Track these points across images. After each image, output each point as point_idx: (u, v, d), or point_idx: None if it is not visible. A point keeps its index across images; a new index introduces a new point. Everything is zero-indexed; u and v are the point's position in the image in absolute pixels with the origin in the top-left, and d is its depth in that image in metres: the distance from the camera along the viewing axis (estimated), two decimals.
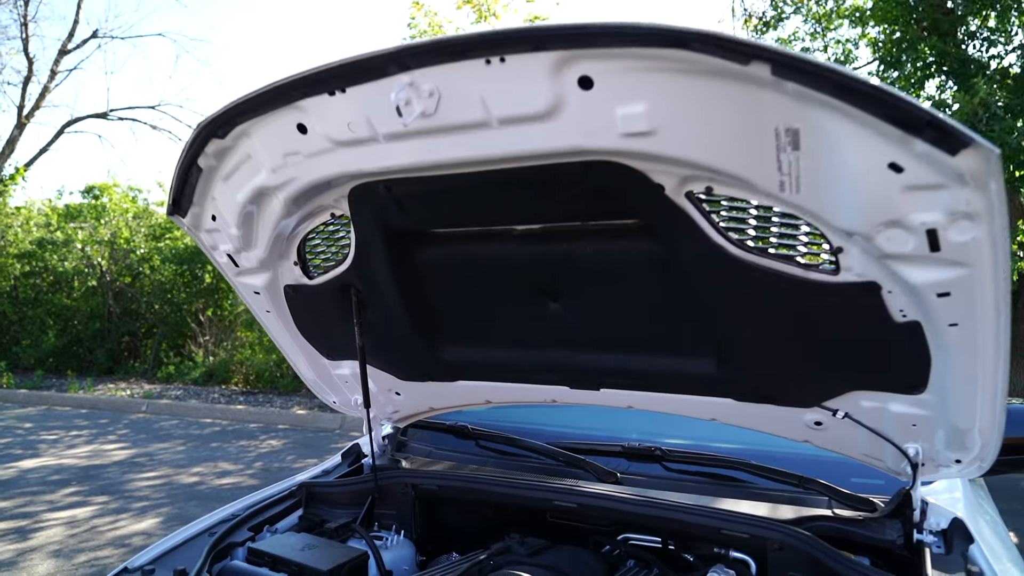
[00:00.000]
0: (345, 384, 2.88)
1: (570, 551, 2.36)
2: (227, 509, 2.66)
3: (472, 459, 2.79)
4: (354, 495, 2.70)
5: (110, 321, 14.82)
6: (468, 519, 2.68)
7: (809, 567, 2.00)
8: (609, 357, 2.29)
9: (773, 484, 2.39)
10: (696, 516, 2.17)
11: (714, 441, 2.75)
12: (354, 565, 2.26)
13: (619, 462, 2.63)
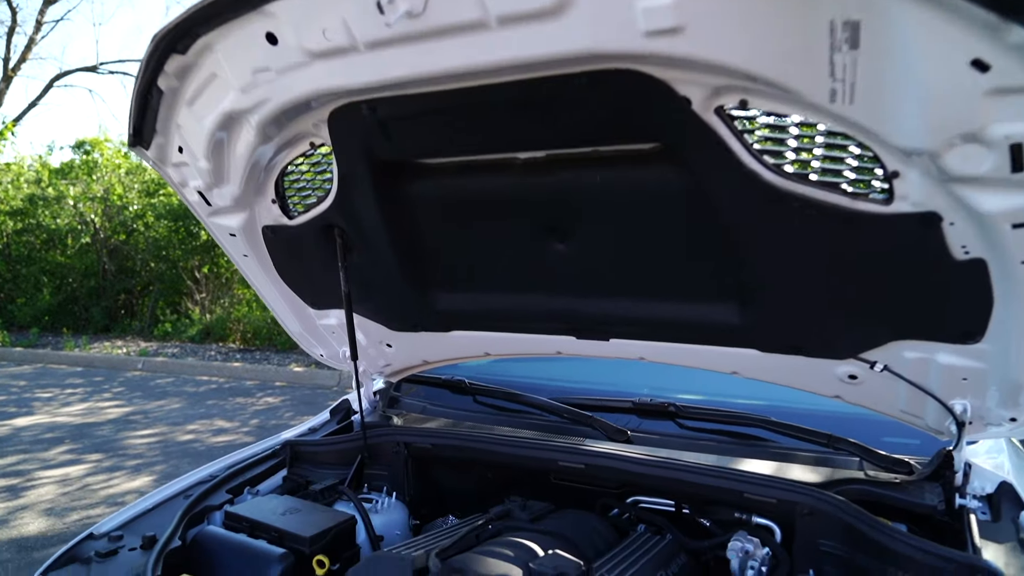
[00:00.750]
0: (332, 335, 2.67)
1: (575, 515, 2.16)
2: (206, 469, 2.47)
3: (470, 416, 2.58)
4: (342, 454, 2.50)
5: (105, 279, 14.61)
6: (465, 480, 2.49)
7: (841, 534, 1.81)
8: (620, 303, 2.06)
9: (799, 444, 2.18)
10: (716, 478, 1.97)
11: (732, 397, 2.54)
12: (340, 530, 2.07)
13: (629, 419, 2.43)
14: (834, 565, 1.82)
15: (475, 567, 1.73)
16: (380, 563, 1.83)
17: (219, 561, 1.97)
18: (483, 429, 2.39)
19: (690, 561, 2.07)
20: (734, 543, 1.84)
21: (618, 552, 1.94)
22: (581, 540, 2.01)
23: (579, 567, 1.76)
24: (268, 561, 1.91)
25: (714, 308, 1.94)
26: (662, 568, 1.91)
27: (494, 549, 1.84)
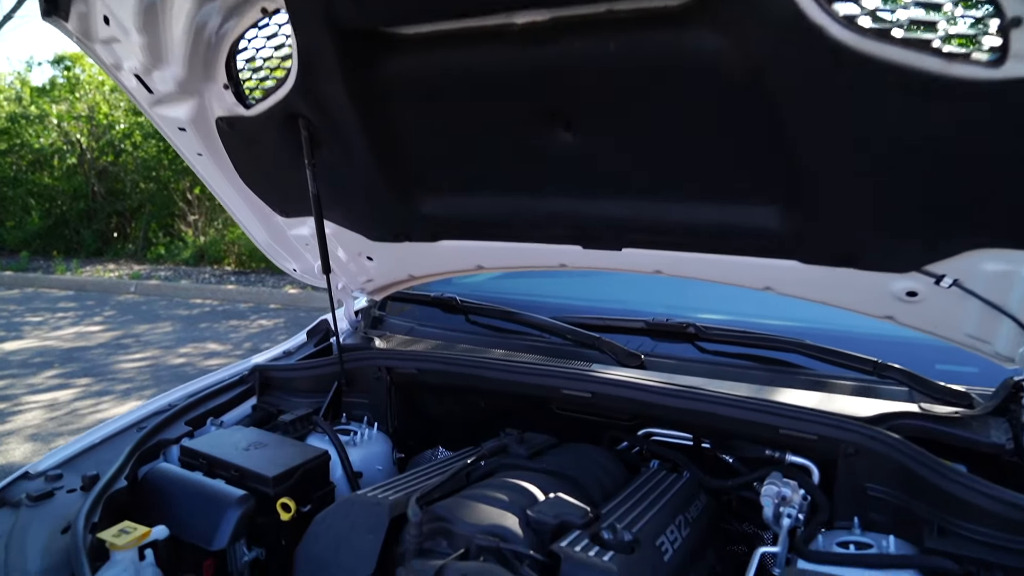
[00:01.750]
0: (306, 247, 2.35)
1: (579, 450, 1.89)
2: (164, 398, 2.20)
3: (462, 338, 2.29)
4: (317, 381, 2.22)
5: (95, 201, 14.19)
6: (455, 411, 2.21)
7: (894, 477, 1.53)
8: (635, 206, 1.74)
9: (839, 371, 1.89)
10: (747, 411, 1.68)
11: (757, 318, 2.24)
12: (311, 468, 1.80)
13: (642, 341, 2.13)
14: (883, 513, 1.55)
15: (462, 515, 1.47)
16: (352, 508, 1.57)
17: (169, 504, 1.71)
18: (476, 352, 2.10)
19: (711, 503, 1.81)
20: (768, 487, 1.57)
21: (629, 493, 1.67)
22: (586, 480, 1.74)
23: (584, 513, 1.50)
24: (224, 504, 1.65)
25: (750, 211, 1.62)
26: (681, 511, 1.65)
27: (485, 492, 1.57)
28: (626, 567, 1.34)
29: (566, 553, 1.35)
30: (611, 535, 1.40)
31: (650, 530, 1.50)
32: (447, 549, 1.45)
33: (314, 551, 1.55)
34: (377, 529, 1.50)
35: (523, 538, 1.43)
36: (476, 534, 1.42)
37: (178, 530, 1.67)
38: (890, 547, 1.42)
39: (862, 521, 1.55)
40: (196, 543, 1.63)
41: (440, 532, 1.47)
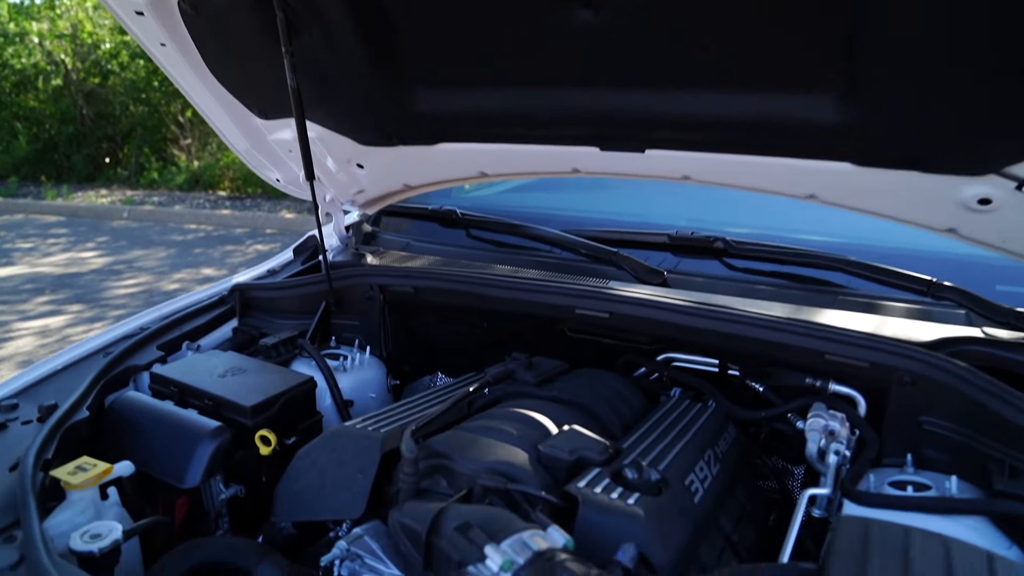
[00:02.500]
0: (289, 154, 2.11)
1: (594, 376, 1.70)
2: (135, 320, 2.00)
3: (463, 254, 2.07)
4: (303, 301, 2.01)
5: (84, 125, 13.75)
6: (456, 333, 2.01)
7: (955, 409, 1.34)
8: (663, 98, 1.49)
9: (887, 291, 1.67)
10: (788, 333, 1.48)
11: (790, 233, 2.01)
12: (294, 397, 1.61)
13: (664, 257, 1.91)
14: (940, 449, 1.37)
15: (463, 450, 1.28)
16: (339, 442, 1.38)
17: (136, 437, 1.53)
18: (479, 268, 1.88)
19: (741, 437, 1.62)
20: (814, 420, 1.38)
21: (652, 425, 1.48)
22: (603, 410, 1.55)
23: (604, 448, 1.31)
24: (197, 437, 1.46)
25: (800, 101, 1.37)
26: (709, 445, 1.46)
27: (490, 424, 1.38)
28: (654, 511, 1.15)
29: (585, 495, 1.16)
30: (635, 474, 1.22)
31: (678, 468, 1.31)
32: (447, 489, 1.27)
33: (295, 489, 1.37)
34: (367, 466, 1.32)
35: (534, 477, 1.24)
36: (480, 473, 1.23)
37: (146, 466, 1.49)
38: (952, 489, 1.23)
39: (915, 459, 1.36)
40: (166, 480, 1.46)
41: (439, 470, 1.29)
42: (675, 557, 1.12)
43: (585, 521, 1.14)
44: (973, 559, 0.90)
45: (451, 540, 1.07)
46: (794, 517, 1.23)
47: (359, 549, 1.23)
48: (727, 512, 1.38)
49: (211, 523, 1.54)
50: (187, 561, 1.25)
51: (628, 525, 1.11)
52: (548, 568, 0.95)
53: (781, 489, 1.68)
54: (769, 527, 1.57)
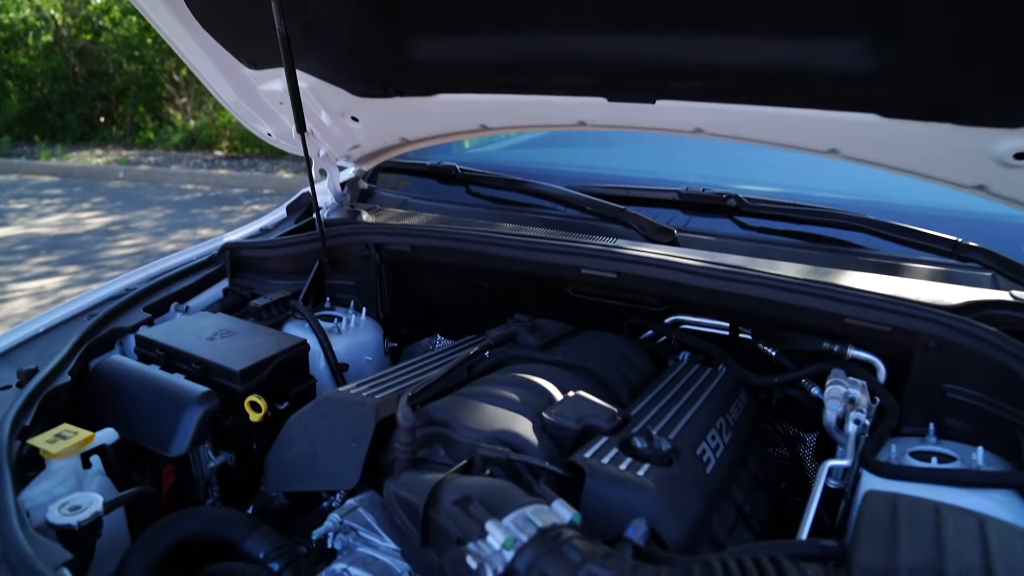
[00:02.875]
0: (280, 106, 2.01)
1: (600, 339, 1.63)
2: (121, 281, 1.92)
3: (463, 211, 1.98)
4: (296, 260, 1.93)
5: (76, 83, 13.49)
6: (455, 294, 1.93)
7: (981, 376, 1.26)
8: (677, 44, 1.39)
9: (909, 252, 1.58)
10: (807, 295, 1.40)
11: (805, 190, 1.92)
12: (285, 360, 1.54)
13: (673, 215, 1.82)
14: (964, 418, 1.29)
15: (463, 418, 1.21)
16: (332, 409, 1.31)
17: (120, 403, 1.46)
18: (480, 226, 1.79)
19: (752, 403, 1.55)
20: (834, 387, 1.30)
21: (661, 391, 1.41)
22: (610, 375, 1.48)
23: (611, 415, 1.24)
24: (183, 403, 1.39)
25: (827, 46, 1.27)
26: (721, 412, 1.40)
27: (491, 391, 1.31)
28: (665, 483, 1.08)
29: (592, 466, 1.10)
30: (645, 443, 1.15)
31: (689, 436, 1.25)
32: (445, 459, 1.20)
33: (286, 458, 1.30)
34: (361, 434, 1.25)
35: (538, 446, 1.17)
36: (481, 442, 1.16)
37: (131, 433, 1.42)
38: (979, 461, 1.16)
39: (937, 428, 1.29)
40: (151, 448, 1.39)
41: (437, 439, 1.22)
42: (688, 532, 1.06)
43: (592, 493, 1.07)
44: (1011, 538, 0.83)
45: (450, 515, 1.00)
46: (813, 491, 1.16)
47: (353, 522, 1.16)
48: (739, 482, 1.32)
49: (200, 492, 1.48)
50: (173, 533, 1.19)
51: (638, 498, 1.05)
52: (553, 546, 0.89)
53: (792, 457, 1.62)
54: (781, 496, 1.52)
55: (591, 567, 0.85)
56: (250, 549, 1.18)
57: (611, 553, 0.89)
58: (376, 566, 1.12)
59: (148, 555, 1.15)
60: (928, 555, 0.78)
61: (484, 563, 0.88)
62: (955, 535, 0.82)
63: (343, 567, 1.12)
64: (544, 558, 0.88)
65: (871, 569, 0.77)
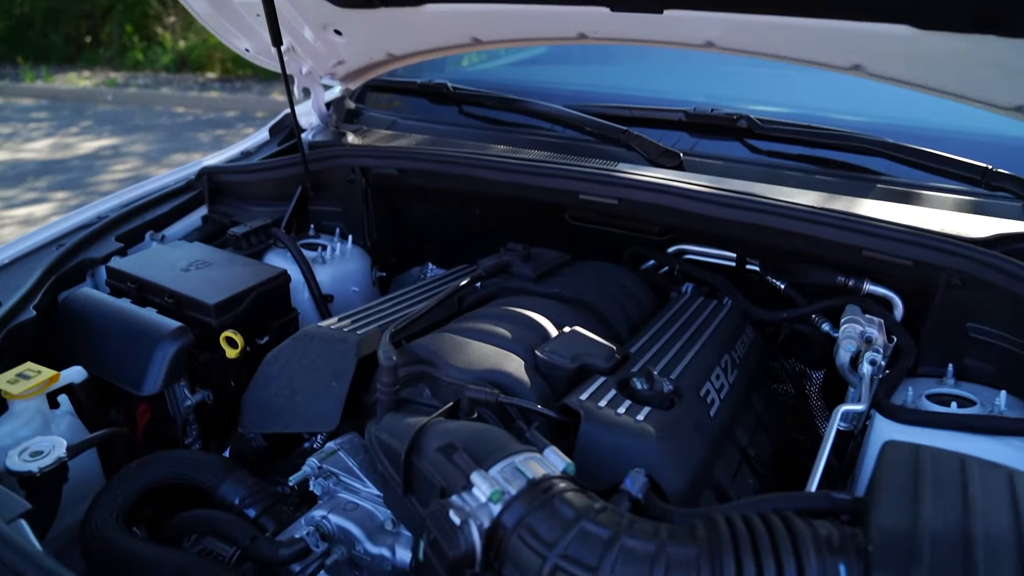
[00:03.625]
0: (258, 19, 1.85)
1: (599, 270, 1.53)
2: (93, 208, 1.81)
3: (455, 132, 1.85)
4: (278, 185, 1.82)
5: (59, 0, 13.04)
6: (447, 220, 1.83)
7: (1007, 315, 1.17)
8: None
9: (935, 180, 1.46)
10: (822, 225, 1.29)
11: (822, 112, 1.79)
12: (264, 292, 1.45)
13: (679, 137, 1.70)
14: (985, 359, 1.20)
15: (449, 356, 1.12)
16: (311, 345, 1.23)
17: (90, 339, 1.38)
18: (471, 148, 1.67)
19: (759, 339, 1.47)
20: (849, 326, 1.21)
21: (663, 326, 1.33)
22: (609, 308, 1.39)
23: (610, 353, 1.15)
24: (155, 339, 1.31)
25: None
26: (726, 349, 1.31)
27: (480, 326, 1.22)
28: (666, 428, 1.01)
29: (587, 409, 1.02)
30: (645, 384, 1.06)
31: (692, 376, 1.16)
32: (431, 400, 1.12)
33: (263, 398, 1.23)
34: (342, 373, 1.17)
35: (530, 387, 1.09)
36: (468, 382, 1.08)
37: (102, 371, 1.35)
38: (1002, 405, 1.07)
39: (956, 368, 1.21)
40: (123, 387, 1.32)
41: (422, 378, 1.14)
42: (690, 480, 0.99)
43: (587, 439, 1.00)
44: None
45: (434, 463, 0.92)
46: (825, 438, 1.08)
47: (332, 466, 1.09)
48: (743, 423, 1.25)
49: (178, 431, 1.42)
50: (143, 478, 1.13)
51: (637, 445, 0.97)
52: (544, 500, 0.81)
53: (798, 394, 1.54)
54: (786, 435, 1.45)
55: (584, 524, 0.78)
56: (225, 495, 1.11)
57: (606, 508, 0.82)
58: (357, 513, 1.06)
59: (117, 502, 1.09)
60: (953, 516, 0.71)
61: (468, 519, 0.81)
62: (983, 494, 0.74)
63: (322, 514, 1.06)
64: (534, 513, 0.80)
65: (891, 531, 0.69)
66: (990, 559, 0.67)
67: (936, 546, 0.68)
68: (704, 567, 0.72)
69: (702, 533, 0.76)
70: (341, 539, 1.04)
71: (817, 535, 0.73)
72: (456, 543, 0.79)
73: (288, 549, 0.99)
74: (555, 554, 0.77)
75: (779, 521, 0.75)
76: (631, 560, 0.74)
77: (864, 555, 0.70)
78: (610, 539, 0.76)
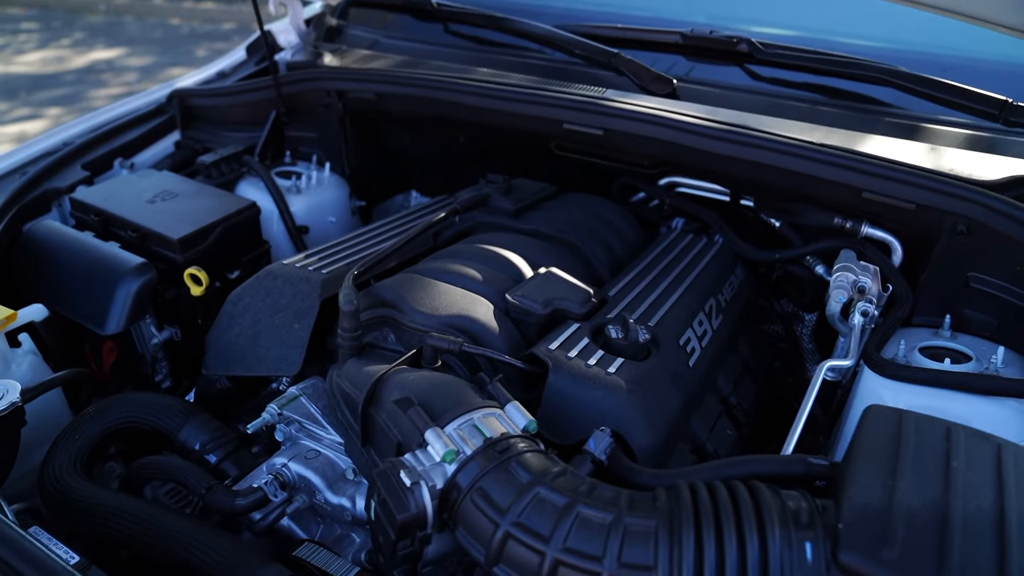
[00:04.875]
0: None
1: (584, 204, 1.46)
2: (59, 133, 1.72)
3: (438, 53, 1.74)
4: (252, 109, 1.73)
5: None
6: (429, 148, 1.74)
7: (1014, 265, 1.09)
8: None
9: (949, 114, 1.35)
10: (819, 163, 1.20)
11: (833, 36, 1.66)
12: (232, 226, 1.39)
13: (675, 61, 1.59)
14: (985, 311, 1.13)
15: (414, 299, 1.06)
16: (275, 284, 1.17)
17: (51, 274, 1.32)
18: (453, 72, 1.57)
19: (750, 279, 1.40)
20: (842, 274, 1.14)
21: (646, 266, 1.26)
22: (590, 246, 1.32)
23: (586, 297, 1.10)
24: (117, 276, 1.26)
25: None
26: (712, 292, 1.25)
27: (449, 266, 1.16)
28: (639, 382, 0.95)
29: (556, 359, 0.96)
30: (620, 332, 1.01)
31: (673, 322, 1.11)
32: (395, 345, 1.07)
33: (227, 338, 1.18)
34: (304, 314, 1.12)
35: (498, 334, 1.04)
36: (432, 328, 1.03)
37: (65, 308, 1.30)
38: (999, 363, 1.00)
39: (955, 319, 1.14)
40: (85, 325, 1.27)
41: (387, 322, 1.09)
42: (662, 436, 0.94)
43: (555, 391, 0.95)
44: None
45: (391, 416, 0.88)
46: (807, 393, 1.02)
47: (294, 413, 1.06)
48: (727, 371, 1.20)
49: (148, 367, 1.38)
50: (103, 422, 1.09)
51: (606, 399, 0.92)
52: (500, 461, 0.77)
53: (788, 336, 1.49)
54: (772, 379, 1.40)
55: (540, 489, 0.74)
56: (185, 440, 1.08)
57: (565, 471, 0.78)
58: (318, 462, 1.02)
59: (75, 447, 1.06)
60: (932, 493, 0.66)
61: (420, 481, 0.77)
62: (966, 467, 0.69)
63: (283, 462, 1.02)
64: (488, 476, 0.76)
65: (863, 508, 0.65)
66: (967, 541, 0.62)
67: (911, 526, 0.63)
68: (662, 540, 0.68)
69: (663, 503, 0.71)
70: (302, 487, 1.01)
71: (784, 509, 0.68)
72: (405, 505, 0.76)
73: (245, 499, 0.96)
74: (507, 521, 0.73)
75: (745, 492, 0.71)
76: (586, 530, 0.71)
77: (833, 532, 0.65)
78: (566, 507, 0.72)
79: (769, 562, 0.66)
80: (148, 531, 0.94)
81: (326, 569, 0.95)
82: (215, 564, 0.89)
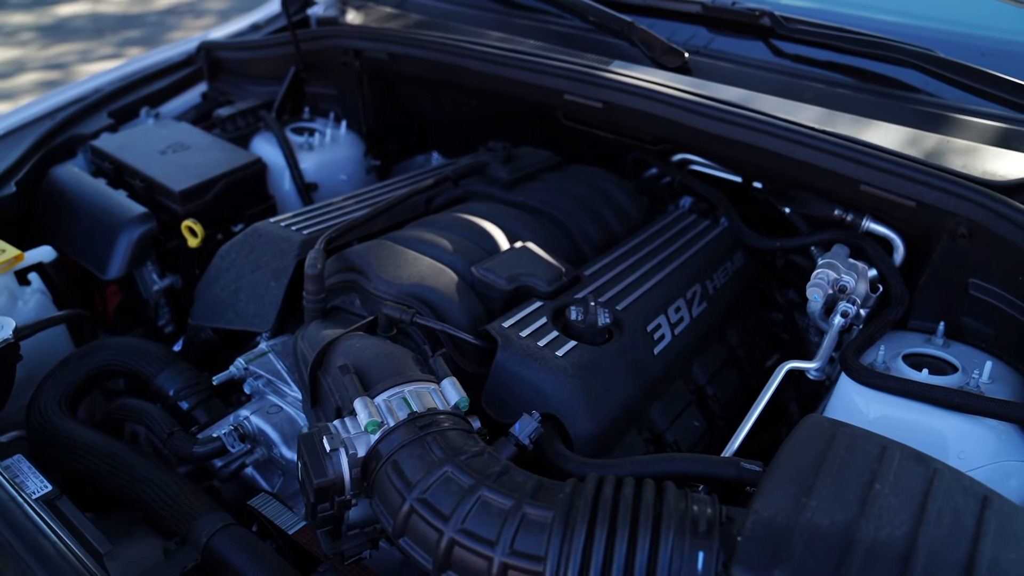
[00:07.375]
0: None
1: (584, 176, 1.42)
2: (91, 81, 1.79)
3: (462, 14, 1.71)
4: (273, 64, 1.75)
5: None
6: (445, 109, 1.73)
7: (1017, 275, 1.01)
8: None
9: (975, 102, 1.25)
10: (815, 150, 1.13)
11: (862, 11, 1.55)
12: (235, 181, 1.42)
13: (696, 31, 1.52)
14: (985, 320, 1.06)
15: (380, 267, 1.07)
16: (258, 242, 1.20)
17: (65, 218, 1.39)
18: (464, 35, 1.54)
19: (750, 266, 1.35)
20: (823, 271, 1.08)
21: (634, 247, 1.23)
22: (578, 221, 1.30)
23: (555, 275, 1.08)
24: (120, 223, 1.31)
25: None
26: (699, 278, 1.21)
27: (423, 235, 1.16)
28: (587, 367, 0.94)
29: (506, 337, 0.96)
30: (580, 314, 0.99)
31: (644, 307, 1.08)
32: (360, 310, 1.09)
33: (213, 291, 1.22)
34: (281, 273, 1.14)
35: (459, 307, 1.04)
36: (392, 296, 1.03)
37: (73, 251, 1.37)
38: (983, 377, 0.93)
39: (949, 326, 1.07)
40: (89, 268, 1.34)
41: (353, 287, 1.10)
42: (605, 424, 0.93)
43: (502, 369, 0.95)
44: (958, 500, 0.65)
45: (334, 380, 0.90)
46: (759, 398, 0.98)
47: (260, 368, 1.09)
48: (706, 359, 1.16)
49: (151, 311, 1.45)
50: (87, 364, 1.15)
51: (548, 381, 0.92)
52: (419, 436, 0.78)
53: (790, 327, 1.44)
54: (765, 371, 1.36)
55: (448, 468, 0.74)
56: (160, 385, 1.13)
57: (483, 452, 0.78)
58: (278, 417, 1.06)
59: (61, 385, 1.12)
60: (843, 515, 0.63)
61: (340, 448, 0.78)
62: (890, 491, 0.65)
63: (245, 414, 1.06)
64: (404, 449, 0.78)
65: (766, 523, 0.62)
66: (866, 569, 0.59)
67: (811, 546, 0.61)
68: (556, 532, 0.68)
69: (566, 495, 0.71)
70: (261, 441, 1.05)
71: (685, 515, 0.67)
72: (323, 470, 0.78)
73: (202, 447, 1.00)
74: (413, 495, 0.74)
75: (651, 493, 0.70)
76: (485, 513, 0.71)
77: (731, 544, 0.64)
78: (470, 488, 0.73)
79: (657, 567, 0.65)
80: (111, 468, 1.00)
81: (274, 520, 0.99)
82: (164, 504, 0.94)
